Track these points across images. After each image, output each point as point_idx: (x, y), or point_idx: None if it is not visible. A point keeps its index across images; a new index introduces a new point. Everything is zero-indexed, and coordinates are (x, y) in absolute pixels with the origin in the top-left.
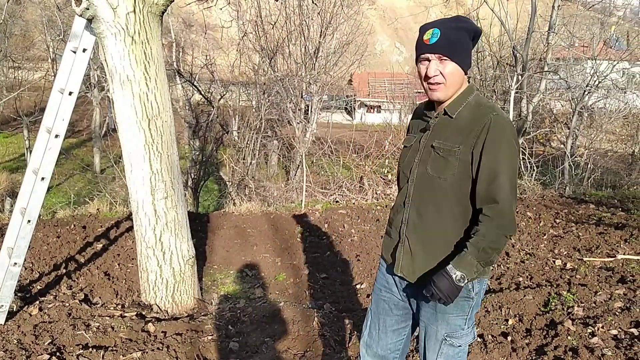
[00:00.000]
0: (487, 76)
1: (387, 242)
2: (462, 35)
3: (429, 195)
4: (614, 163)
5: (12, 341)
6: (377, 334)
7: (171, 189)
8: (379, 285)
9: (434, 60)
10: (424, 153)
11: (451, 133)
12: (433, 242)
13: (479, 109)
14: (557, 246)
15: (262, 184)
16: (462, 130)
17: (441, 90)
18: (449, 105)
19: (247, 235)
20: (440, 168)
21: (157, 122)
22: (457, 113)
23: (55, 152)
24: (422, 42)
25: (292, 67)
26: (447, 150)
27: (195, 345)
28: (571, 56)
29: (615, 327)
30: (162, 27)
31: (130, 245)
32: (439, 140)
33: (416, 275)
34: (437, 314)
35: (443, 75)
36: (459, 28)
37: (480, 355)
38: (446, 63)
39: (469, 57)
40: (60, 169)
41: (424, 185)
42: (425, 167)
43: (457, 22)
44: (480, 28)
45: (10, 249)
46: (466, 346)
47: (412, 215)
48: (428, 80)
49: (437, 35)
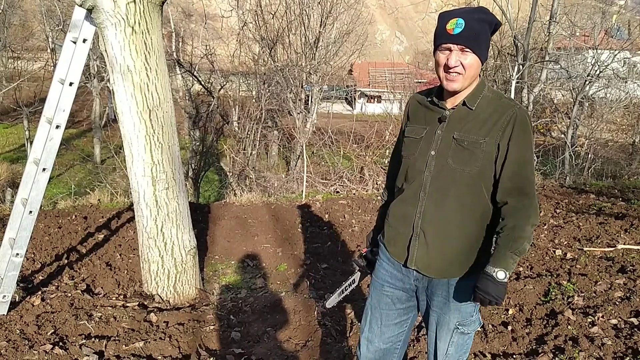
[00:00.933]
0: (487, 66)
1: (393, 235)
2: (484, 28)
3: (449, 188)
4: (614, 153)
5: (15, 331)
6: (380, 328)
7: (172, 179)
8: (380, 280)
9: (455, 50)
10: (442, 145)
11: (473, 125)
12: (452, 235)
13: (501, 101)
14: (557, 236)
15: (262, 175)
16: (486, 122)
17: (459, 81)
18: (469, 96)
19: (248, 225)
20: (464, 160)
21: (158, 112)
22: (476, 105)
23: (56, 142)
24: (445, 31)
25: (293, 57)
26: (472, 142)
27: (197, 335)
28: (572, 46)
29: (615, 317)
30: (162, 17)
31: (132, 236)
32: (460, 132)
33: (432, 268)
34: (450, 303)
35: (463, 66)
36: (482, 20)
37: (481, 344)
38: (467, 54)
39: (488, 49)
40: (61, 160)
41: (443, 177)
42: (445, 159)
43: (480, 14)
44: (500, 21)
45: (12, 239)
46: (473, 332)
47: (430, 207)
48: (448, 70)
49: (461, 26)
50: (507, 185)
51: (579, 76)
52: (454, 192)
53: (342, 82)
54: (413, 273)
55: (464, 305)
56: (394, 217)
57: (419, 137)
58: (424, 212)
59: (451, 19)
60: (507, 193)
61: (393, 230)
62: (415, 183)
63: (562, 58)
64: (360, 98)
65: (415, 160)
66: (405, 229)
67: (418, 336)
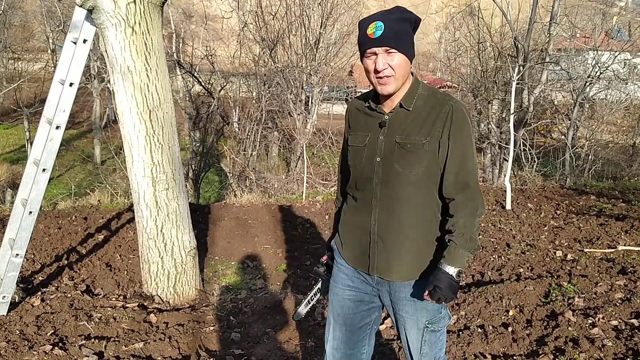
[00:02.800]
0: (488, 67)
1: (350, 244)
2: (405, 26)
3: (399, 192)
4: (614, 154)
5: (15, 332)
6: (344, 334)
7: (172, 180)
8: (340, 285)
9: (381, 53)
10: (385, 150)
11: (413, 126)
12: (408, 238)
13: (435, 97)
14: (557, 237)
15: (262, 176)
16: (425, 121)
17: (391, 83)
18: (404, 97)
19: (248, 226)
20: (410, 163)
21: (158, 113)
22: (413, 105)
23: (56, 143)
24: (367, 36)
25: (293, 58)
26: (414, 144)
27: (197, 335)
28: (573, 47)
29: (615, 318)
30: (163, 18)
31: (132, 237)
32: (401, 135)
33: (394, 273)
34: (416, 303)
35: (392, 67)
36: (401, 19)
37: (481, 345)
38: (394, 55)
39: (413, 47)
40: (61, 160)
41: (392, 182)
42: (391, 164)
43: (398, 13)
44: (418, 17)
45: (12, 240)
46: (445, 328)
47: (383, 214)
48: (377, 75)
49: (381, 28)
50: (452, 181)
51: (580, 77)
52: (405, 196)
53: (342, 83)
54: (375, 278)
55: (430, 304)
56: (350, 227)
57: (363, 145)
58: (378, 220)
59: (370, 24)
60: (453, 188)
61: (351, 239)
62: (366, 191)
63: (563, 59)
64: None
65: (363, 168)
66: (364, 238)
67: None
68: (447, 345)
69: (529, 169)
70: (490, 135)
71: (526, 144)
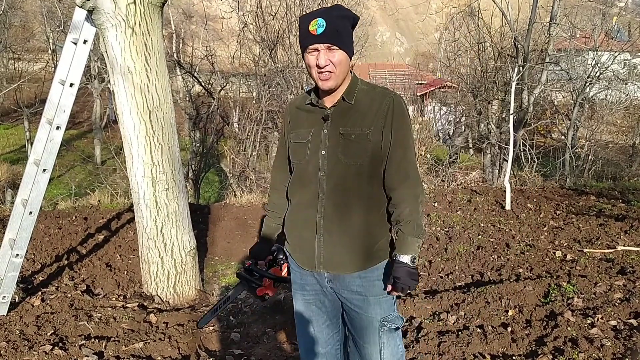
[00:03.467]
0: (488, 67)
1: (298, 243)
2: (345, 23)
3: (345, 183)
4: (614, 154)
5: (15, 332)
6: (314, 334)
7: (172, 180)
8: (299, 289)
9: (323, 50)
10: (330, 142)
11: (356, 118)
12: (355, 227)
13: (376, 90)
14: (557, 237)
15: (262, 176)
16: (367, 113)
17: (332, 79)
18: (346, 92)
19: (248, 226)
20: (354, 153)
21: (158, 113)
22: (354, 98)
23: (57, 143)
24: (309, 32)
25: (293, 58)
26: (358, 135)
27: (197, 335)
28: (572, 47)
29: (614, 318)
30: (163, 19)
31: (132, 237)
32: (345, 127)
33: (340, 264)
34: (369, 297)
35: (333, 64)
36: (341, 16)
37: (480, 345)
38: (335, 52)
39: (352, 44)
40: (61, 161)
41: (338, 173)
42: (336, 155)
43: (339, 11)
44: (357, 15)
45: (12, 240)
46: (400, 332)
47: (329, 207)
48: (319, 70)
49: (323, 25)
50: (394, 171)
51: (579, 78)
52: (351, 186)
53: None
54: (324, 275)
55: (383, 298)
56: (295, 224)
57: (306, 140)
58: (324, 212)
59: (312, 20)
60: (395, 178)
61: (296, 237)
62: (312, 186)
63: (563, 60)
64: None
65: (308, 163)
66: (309, 233)
67: (417, 337)
68: (447, 345)
69: (529, 169)
70: (490, 135)
71: (526, 144)
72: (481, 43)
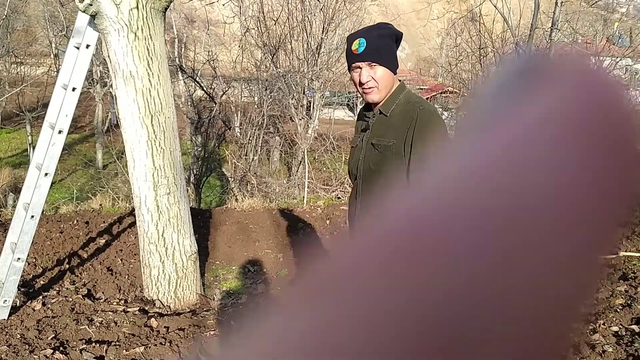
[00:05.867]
0: (489, 73)
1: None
2: (386, 41)
3: (373, 189)
4: None
5: (16, 336)
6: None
7: (174, 184)
8: None
9: (364, 67)
10: (366, 151)
11: (386, 130)
12: None
13: (407, 105)
14: None
15: (264, 180)
16: (395, 126)
17: (375, 93)
18: (383, 104)
19: (249, 231)
20: (379, 163)
21: (160, 118)
22: (390, 111)
23: (59, 147)
24: (351, 52)
25: (295, 63)
26: (383, 146)
27: (198, 340)
28: (574, 53)
29: (616, 324)
30: (165, 23)
31: (133, 241)
32: (376, 137)
33: None
34: None
35: (375, 79)
36: (382, 35)
37: None
38: (376, 68)
39: (396, 59)
40: (63, 165)
41: (369, 180)
42: (368, 164)
43: (379, 30)
44: (400, 31)
45: (14, 244)
46: None
47: (363, 209)
48: (362, 86)
49: (363, 45)
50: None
51: None
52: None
53: (344, 88)
54: None
55: None
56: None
57: (356, 145)
58: (359, 212)
59: (354, 40)
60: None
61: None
62: (355, 186)
63: None
64: (362, 104)
65: (354, 167)
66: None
67: None
68: None
69: None
70: None
71: None
72: (483, 48)
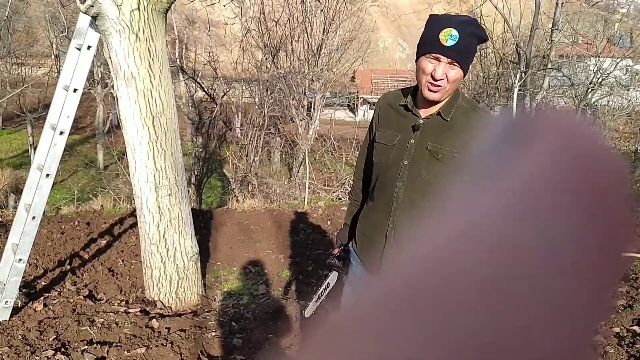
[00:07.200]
0: (490, 73)
1: (367, 244)
2: (474, 43)
3: (421, 200)
4: None
5: (17, 337)
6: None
7: (175, 185)
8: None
9: (444, 62)
10: (415, 155)
11: (447, 136)
12: None
13: (476, 111)
14: None
15: (265, 181)
16: (460, 134)
17: (441, 92)
18: (444, 107)
19: (251, 232)
20: (438, 172)
21: (161, 119)
22: (451, 116)
23: (60, 148)
24: (437, 40)
25: (295, 64)
26: (446, 155)
27: (199, 341)
28: (575, 53)
29: (617, 325)
30: (166, 24)
31: (134, 242)
32: (434, 143)
33: None
34: None
35: (448, 79)
36: (474, 34)
37: None
38: (455, 68)
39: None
40: (64, 166)
41: (416, 188)
42: (419, 170)
43: (474, 27)
44: (487, 36)
45: (15, 245)
46: None
47: (403, 219)
48: (432, 80)
49: (455, 39)
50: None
51: (582, 84)
52: (427, 205)
53: (344, 89)
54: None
55: None
56: (366, 225)
57: (391, 145)
58: (397, 222)
59: (445, 29)
60: None
61: (367, 238)
62: (388, 192)
63: (565, 66)
64: (363, 105)
65: (388, 168)
66: (379, 238)
67: None
68: None
69: None
70: None
71: None
72: (483, 49)
